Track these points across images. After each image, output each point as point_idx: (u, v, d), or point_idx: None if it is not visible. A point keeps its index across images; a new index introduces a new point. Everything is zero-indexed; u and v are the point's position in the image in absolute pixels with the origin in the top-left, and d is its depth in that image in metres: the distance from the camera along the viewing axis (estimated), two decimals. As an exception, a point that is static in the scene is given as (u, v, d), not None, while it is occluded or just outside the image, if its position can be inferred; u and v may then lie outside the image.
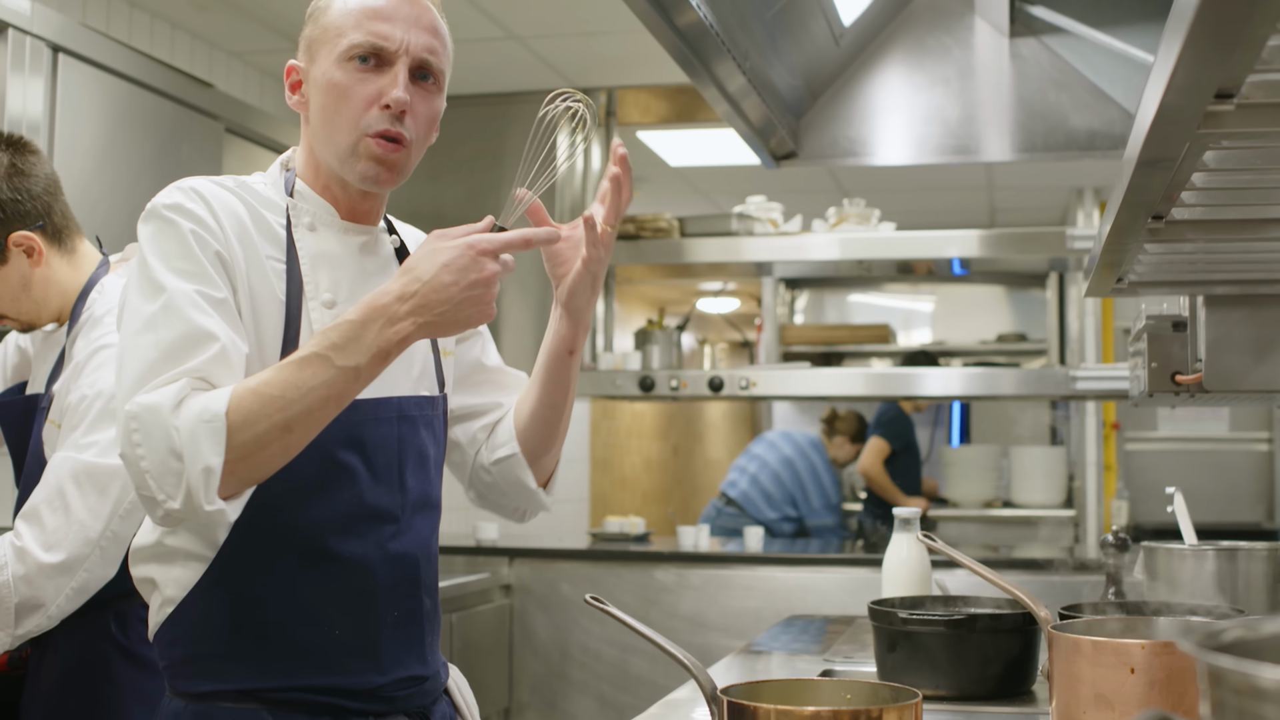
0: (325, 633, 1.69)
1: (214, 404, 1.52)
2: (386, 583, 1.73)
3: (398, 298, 1.58)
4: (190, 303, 1.59)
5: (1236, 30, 0.92)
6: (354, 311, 1.58)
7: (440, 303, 1.58)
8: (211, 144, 3.67)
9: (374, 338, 1.57)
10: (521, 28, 4.64)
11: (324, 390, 1.55)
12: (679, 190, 7.16)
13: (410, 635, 1.77)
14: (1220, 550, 2.29)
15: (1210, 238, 1.74)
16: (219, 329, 1.59)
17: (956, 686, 2.02)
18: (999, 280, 7.95)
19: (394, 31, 1.73)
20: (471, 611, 4.59)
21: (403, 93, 1.72)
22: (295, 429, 1.55)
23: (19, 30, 2.94)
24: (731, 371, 5.13)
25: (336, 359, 1.55)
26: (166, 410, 1.51)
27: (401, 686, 1.76)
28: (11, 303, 2.32)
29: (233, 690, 1.68)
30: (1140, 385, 2.51)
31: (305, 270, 1.73)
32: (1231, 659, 0.69)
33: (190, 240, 1.64)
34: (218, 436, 1.50)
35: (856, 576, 4.66)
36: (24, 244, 2.28)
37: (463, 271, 1.58)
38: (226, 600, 1.68)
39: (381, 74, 1.73)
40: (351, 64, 1.73)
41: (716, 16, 2.64)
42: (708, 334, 10.42)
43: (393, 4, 1.75)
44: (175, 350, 1.56)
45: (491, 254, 1.61)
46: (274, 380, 1.55)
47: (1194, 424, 6.93)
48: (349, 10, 1.75)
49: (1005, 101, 3.61)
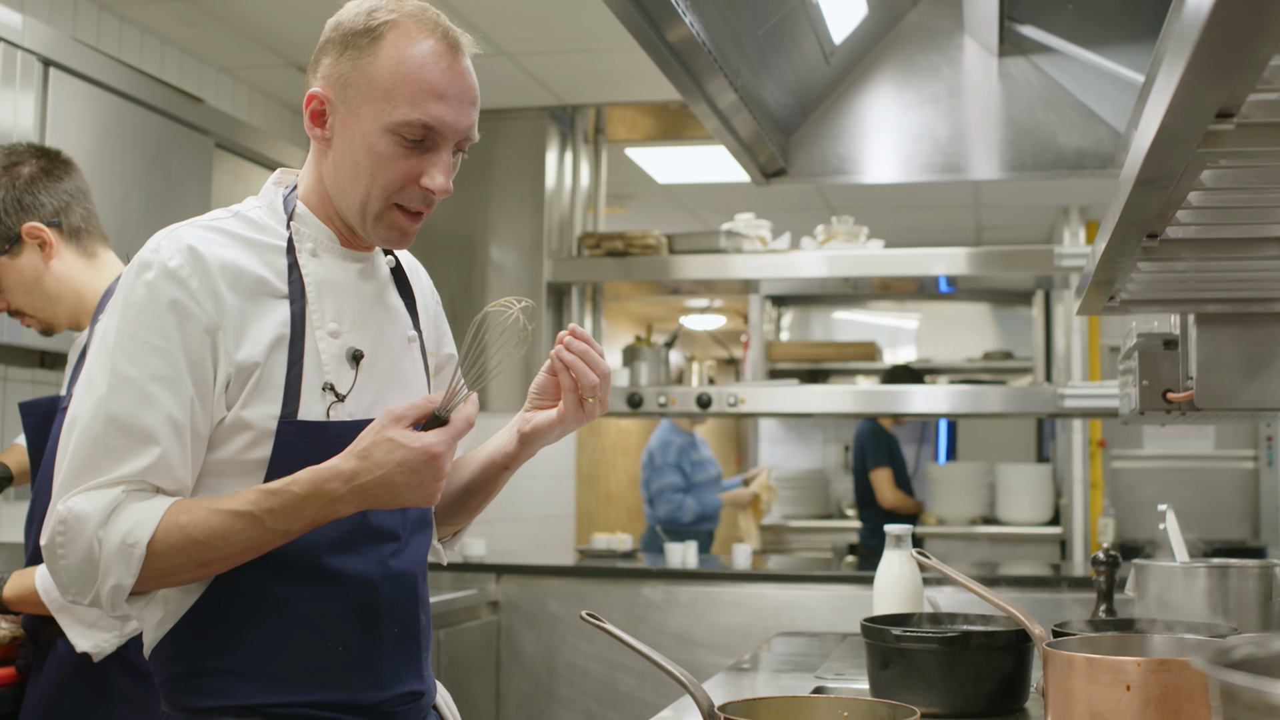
0: (328, 649, 1.69)
1: (139, 531, 1.56)
2: (388, 600, 1.73)
3: (345, 480, 1.58)
4: (141, 396, 1.59)
5: (1241, 50, 0.93)
6: (299, 483, 1.58)
7: (385, 493, 1.59)
8: (201, 159, 3.66)
9: (313, 512, 1.59)
10: (512, 45, 4.65)
11: (249, 544, 1.59)
12: (667, 207, 7.17)
13: (409, 651, 1.78)
14: (1212, 568, 2.30)
15: (1203, 256, 1.74)
16: (161, 428, 1.59)
17: (950, 704, 2.01)
18: (985, 298, 7.97)
19: (448, 115, 1.68)
20: (458, 628, 4.58)
21: (448, 183, 1.70)
22: (211, 567, 1.61)
23: (10, 44, 2.94)
24: (719, 388, 5.14)
25: (269, 522, 1.58)
26: (93, 524, 1.56)
27: (401, 702, 1.76)
28: (26, 296, 2.40)
29: (235, 706, 1.67)
30: (1131, 403, 2.52)
31: (311, 298, 1.71)
32: (1246, 676, 0.69)
33: (167, 313, 1.61)
34: (134, 563, 1.56)
35: (844, 594, 4.65)
36: (36, 235, 2.36)
37: (415, 474, 1.58)
38: (229, 617, 1.67)
39: (425, 151, 1.69)
40: (397, 137, 1.67)
41: (708, 32, 2.65)
42: (694, 351, 10.43)
43: (448, 79, 1.68)
44: (114, 449, 1.58)
45: (447, 454, 1.60)
46: (203, 525, 1.57)
47: (1180, 442, 6.96)
48: (405, 77, 1.66)
49: (994, 120, 3.63)
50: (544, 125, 5.36)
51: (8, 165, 2.38)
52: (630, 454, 9.16)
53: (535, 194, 5.33)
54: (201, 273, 1.63)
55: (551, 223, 5.37)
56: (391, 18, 1.68)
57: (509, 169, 5.35)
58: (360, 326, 1.75)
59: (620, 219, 7.04)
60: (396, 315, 1.84)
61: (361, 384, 1.72)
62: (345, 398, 1.70)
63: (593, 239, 5.34)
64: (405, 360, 1.83)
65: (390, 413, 1.59)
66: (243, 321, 1.65)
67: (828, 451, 8.35)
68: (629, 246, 5.26)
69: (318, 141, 1.74)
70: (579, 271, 5.36)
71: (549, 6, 4.32)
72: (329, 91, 1.71)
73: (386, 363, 1.78)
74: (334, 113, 1.71)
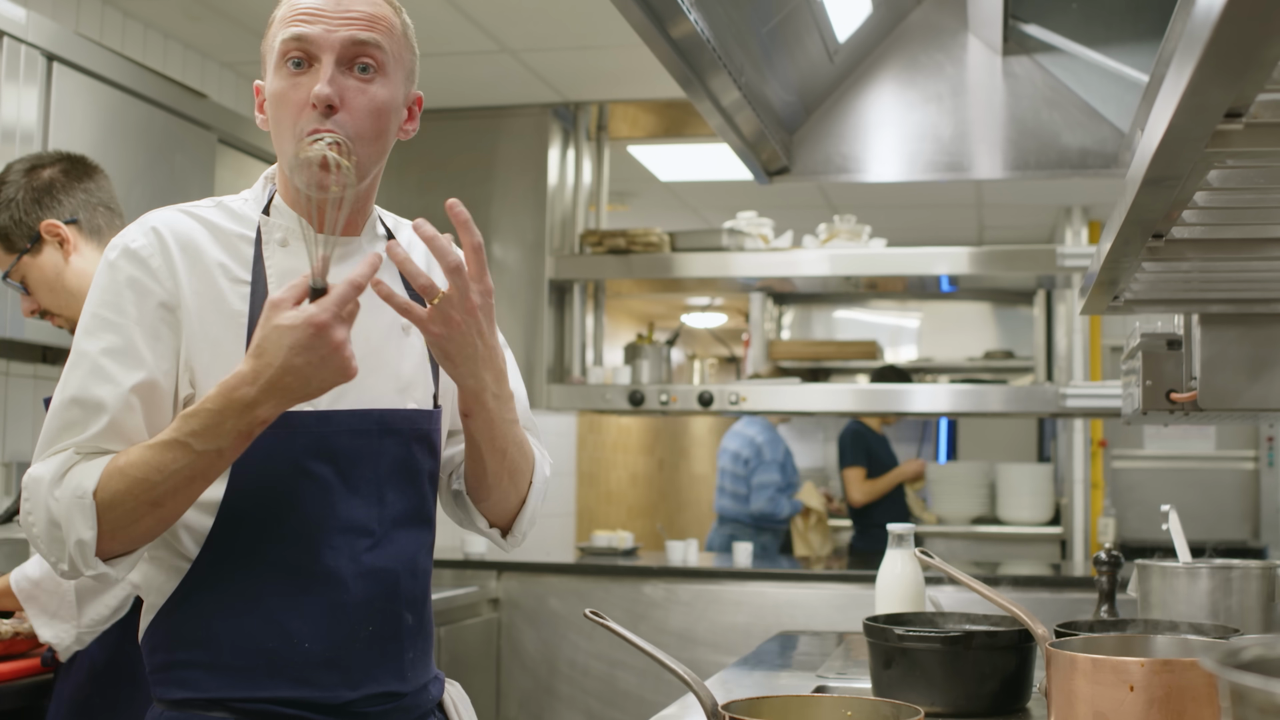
0: (294, 645, 1.67)
1: (85, 482, 1.58)
2: (360, 597, 1.70)
3: (250, 382, 1.53)
4: (92, 369, 1.63)
5: (1251, 50, 0.93)
6: (211, 399, 1.55)
7: (294, 381, 1.53)
8: (204, 154, 3.66)
9: (233, 423, 1.55)
10: (514, 41, 4.64)
11: (187, 472, 1.57)
12: (669, 205, 7.17)
13: (386, 651, 1.73)
14: (1214, 569, 2.29)
15: (1208, 257, 1.74)
16: (111, 398, 1.61)
17: (952, 703, 2.01)
18: (986, 297, 7.97)
19: (313, 28, 1.66)
20: (459, 625, 4.58)
21: (325, 86, 1.65)
22: (165, 504, 1.59)
23: (14, 39, 2.94)
24: (721, 386, 5.13)
25: (196, 444, 1.55)
26: (46, 483, 1.59)
27: (374, 702, 1.72)
28: (49, 294, 2.45)
29: (203, 699, 1.67)
30: (1134, 403, 2.51)
31: (271, 288, 1.69)
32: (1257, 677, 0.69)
33: (124, 290, 1.66)
34: (88, 513, 1.57)
35: (845, 593, 4.65)
36: (54, 233, 2.41)
37: (311, 350, 1.51)
38: (200, 609, 1.67)
39: (313, 74, 1.67)
40: (285, 70, 1.68)
41: (712, 29, 2.65)
42: (696, 349, 10.43)
43: (319, 2, 1.68)
44: (70, 421, 1.62)
45: (333, 321, 1.52)
46: (138, 462, 1.57)
47: (1181, 442, 6.96)
48: (280, 15, 1.71)
49: (998, 119, 3.62)
50: (546, 122, 5.35)
51: (30, 169, 2.45)
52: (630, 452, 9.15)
53: (537, 191, 5.33)
54: (162, 252, 1.68)
55: (554, 220, 5.37)
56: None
57: (511, 166, 5.35)
58: None
59: (622, 217, 7.04)
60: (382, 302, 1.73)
61: None
62: None
63: (595, 236, 5.34)
64: (389, 346, 1.78)
65: (270, 302, 1.54)
66: (201, 302, 1.67)
67: (828, 450, 8.35)
68: (631, 244, 5.26)
69: (264, 128, 1.76)
70: (581, 269, 5.36)
71: (551, 3, 4.31)
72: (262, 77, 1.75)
73: (363, 350, 1.67)
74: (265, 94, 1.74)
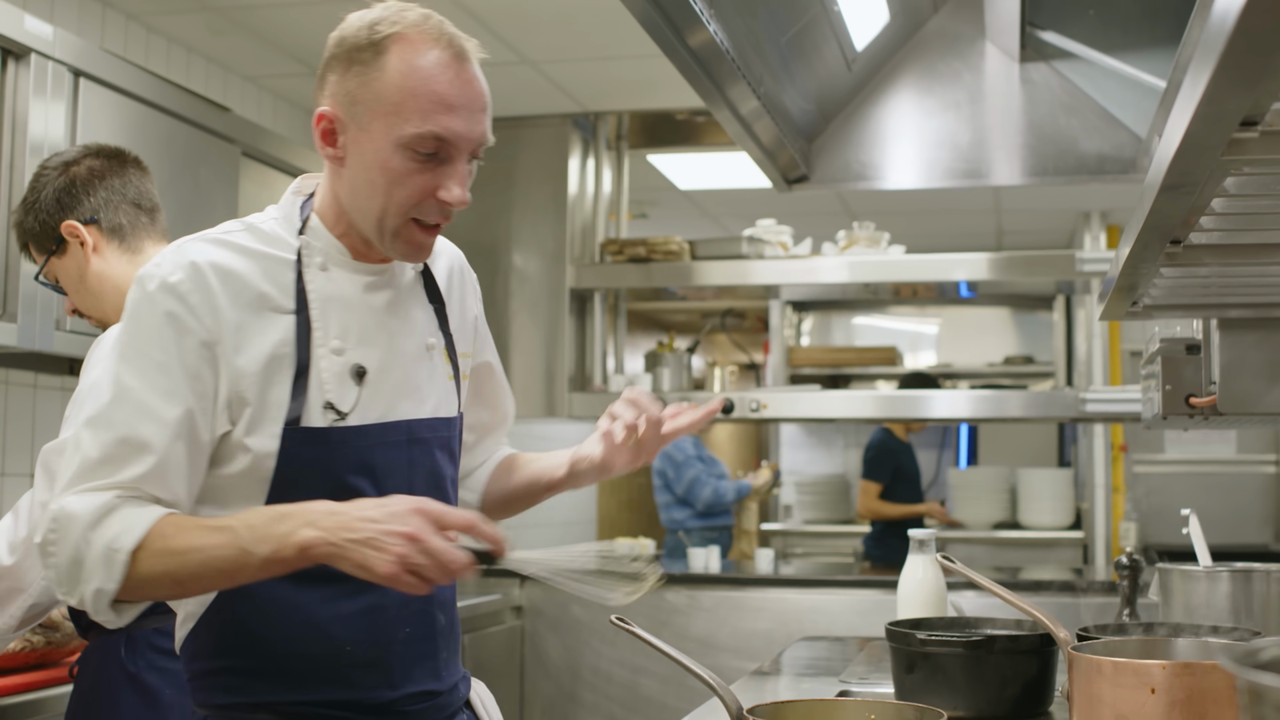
0: (337, 648, 1.70)
1: (124, 539, 1.56)
2: (398, 600, 1.73)
3: (330, 511, 1.54)
4: (138, 408, 1.61)
5: (1266, 59, 0.94)
6: (287, 507, 1.57)
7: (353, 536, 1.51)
8: (228, 167, 3.69)
9: (285, 529, 1.53)
10: (535, 52, 4.67)
11: (223, 565, 1.56)
12: (689, 214, 7.19)
13: (423, 651, 1.78)
14: (1235, 572, 2.30)
15: (1226, 262, 1.75)
16: (157, 439, 1.60)
17: (975, 707, 2.02)
18: (1005, 303, 7.96)
19: (459, 125, 1.65)
20: (483, 633, 4.60)
21: (464, 194, 1.68)
22: (186, 586, 1.61)
23: (41, 55, 2.98)
24: (742, 393, 5.15)
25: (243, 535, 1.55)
26: (83, 524, 1.57)
27: (413, 701, 1.76)
28: (75, 294, 2.45)
29: (248, 703, 1.70)
30: (1154, 408, 2.52)
31: (315, 315, 1.71)
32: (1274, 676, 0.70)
33: (164, 326, 1.63)
34: (116, 569, 1.56)
35: (867, 598, 4.66)
36: (73, 234, 2.39)
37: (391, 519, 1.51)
38: (243, 616, 1.70)
39: (439, 165, 1.67)
40: (410, 152, 1.65)
41: (731, 39, 2.67)
42: (716, 356, 10.43)
43: (457, 89, 1.65)
44: (112, 457, 1.60)
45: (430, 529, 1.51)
46: (184, 538, 1.57)
47: (1201, 446, 6.94)
48: (412, 90, 1.64)
49: (1015, 125, 3.63)
50: (566, 132, 5.38)
51: (64, 165, 2.42)
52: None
53: (558, 200, 5.36)
54: (201, 288, 1.64)
55: (574, 229, 5.40)
56: (395, 30, 1.66)
57: (531, 176, 5.38)
58: (368, 341, 1.74)
59: (642, 225, 7.07)
60: (412, 325, 1.81)
61: (367, 399, 1.71)
62: (347, 415, 1.69)
63: (615, 245, 5.37)
64: (420, 370, 1.81)
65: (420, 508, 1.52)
66: (243, 336, 1.66)
67: (849, 456, 8.34)
68: (651, 253, 5.28)
69: (330, 160, 1.73)
70: (601, 278, 5.38)
71: (572, 14, 4.34)
72: (337, 109, 1.69)
73: (398, 375, 1.76)
74: (344, 131, 1.69)
